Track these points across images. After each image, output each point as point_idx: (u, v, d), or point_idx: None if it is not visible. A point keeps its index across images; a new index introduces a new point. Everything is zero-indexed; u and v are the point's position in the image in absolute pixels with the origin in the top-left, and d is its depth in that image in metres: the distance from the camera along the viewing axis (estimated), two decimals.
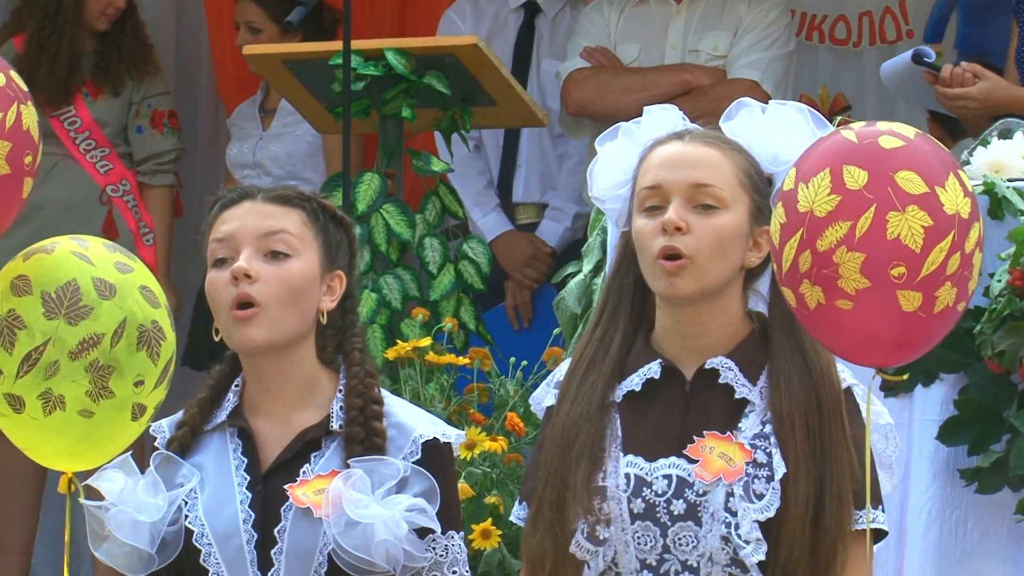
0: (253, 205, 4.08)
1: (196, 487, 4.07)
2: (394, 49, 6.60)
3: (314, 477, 4.02)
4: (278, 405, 4.10)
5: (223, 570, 4.01)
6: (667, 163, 3.96)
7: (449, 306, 6.43)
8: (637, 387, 3.99)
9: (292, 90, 7.01)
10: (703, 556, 3.92)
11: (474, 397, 5.68)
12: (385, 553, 3.94)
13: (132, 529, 4.02)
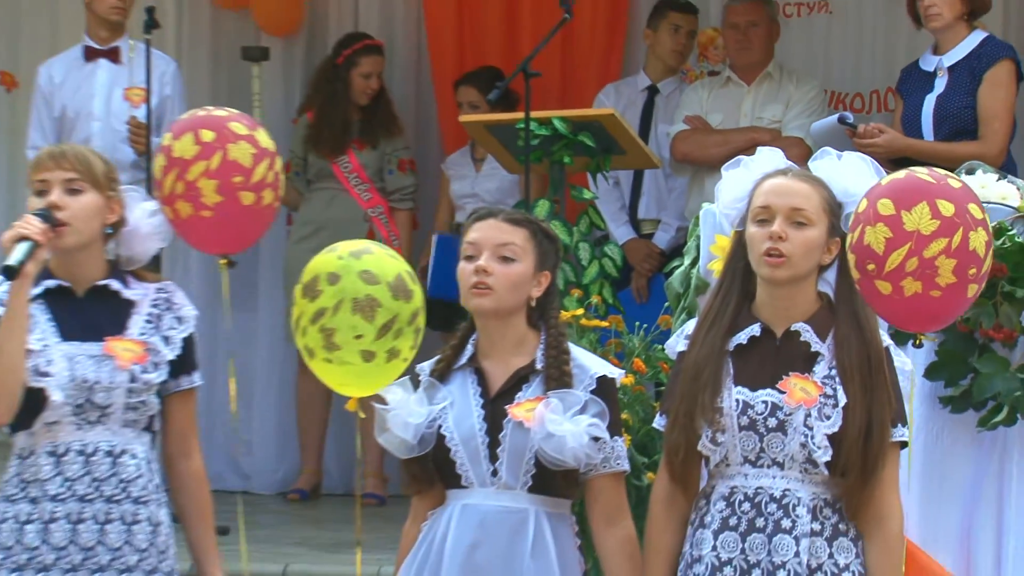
0: (494, 222, 4.12)
1: (448, 406, 4.10)
2: (559, 117, 6.76)
3: (525, 401, 4.05)
4: (500, 353, 4.12)
5: (465, 461, 4.05)
6: (775, 191, 3.97)
7: (595, 288, 6.49)
8: (744, 340, 3.99)
9: (491, 145, 7.16)
10: (787, 456, 3.92)
11: (611, 348, 5.55)
12: (573, 454, 3.98)
13: (403, 427, 4.09)
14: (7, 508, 4.13)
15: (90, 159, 4.20)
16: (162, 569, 4.16)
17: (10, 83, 8.65)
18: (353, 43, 8.19)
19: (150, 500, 4.16)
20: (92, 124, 7.59)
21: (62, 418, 4.11)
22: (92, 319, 4.18)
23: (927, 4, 6.49)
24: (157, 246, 4.38)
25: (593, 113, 7.06)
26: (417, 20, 8.74)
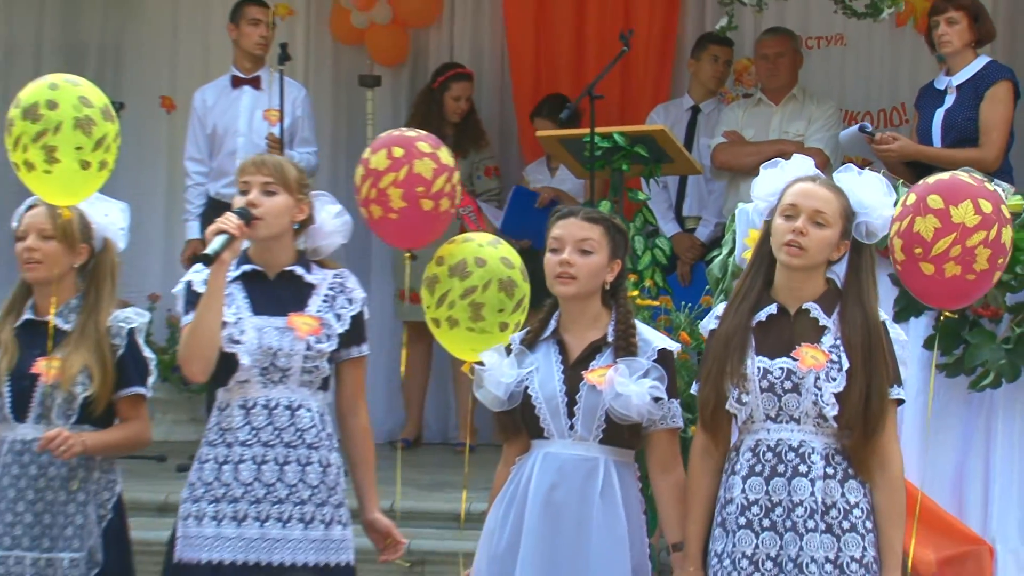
0: (575, 220, 4.12)
1: (534, 370, 4.11)
2: (618, 132, 6.73)
3: (598, 367, 4.06)
4: (578, 328, 4.13)
5: (547, 416, 4.07)
6: (802, 193, 3.95)
7: (648, 273, 6.47)
8: (763, 318, 3.98)
9: (563, 155, 7.15)
10: (802, 412, 3.91)
11: (662, 323, 5.62)
12: (637, 411, 4.01)
13: (496, 385, 4.12)
14: (208, 451, 4.19)
15: (284, 167, 4.26)
16: (331, 503, 4.19)
17: (169, 106, 8.72)
18: (446, 71, 8.18)
19: (321, 446, 4.19)
20: (237, 139, 7.66)
21: (251, 378, 4.17)
22: (278, 298, 4.23)
23: (941, 33, 6.54)
24: (339, 241, 4.41)
25: (647, 128, 7.02)
26: (502, 52, 8.71)
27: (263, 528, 4.12)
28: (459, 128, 8.08)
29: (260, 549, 4.11)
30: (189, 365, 4.13)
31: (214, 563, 4.10)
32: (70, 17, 8.79)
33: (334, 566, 4.18)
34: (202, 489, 4.14)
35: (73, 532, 4.28)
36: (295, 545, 4.13)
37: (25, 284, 4.43)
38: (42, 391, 4.30)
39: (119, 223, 4.49)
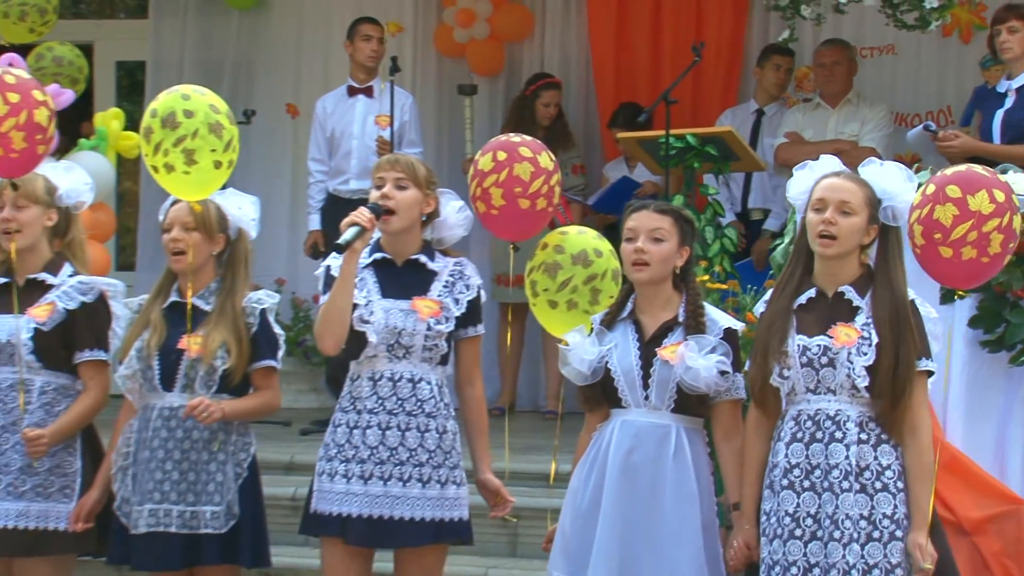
0: (647, 212, 4.13)
1: (613, 347, 4.10)
2: (690, 133, 6.66)
3: (670, 344, 4.05)
4: (652, 309, 4.13)
5: (625, 388, 4.07)
6: (829, 187, 3.94)
7: (717, 260, 6.40)
8: (804, 301, 3.96)
9: (640, 154, 7.06)
10: (837, 384, 3.88)
11: (729, 305, 5.55)
12: (705, 383, 4.01)
13: (580, 362, 4.12)
14: (341, 416, 4.24)
15: (415, 165, 4.29)
16: (446, 465, 4.21)
17: (294, 112, 8.78)
18: (537, 80, 8.16)
19: (438, 414, 4.21)
20: (352, 141, 7.68)
21: (378, 353, 4.20)
22: (405, 283, 4.25)
23: (1003, 40, 6.43)
24: (461, 233, 4.42)
25: (716, 130, 6.94)
26: (586, 62, 8.67)
27: (386, 486, 4.15)
28: (549, 131, 8.03)
29: (383, 504, 4.14)
30: (322, 340, 4.16)
31: (343, 515, 4.15)
32: (207, 36, 8.90)
33: (448, 521, 4.20)
34: (335, 450, 4.19)
35: (214, 488, 4.32)
36: (413, 502, 4.15)
37: (171, 270, 4.47)
38: (187, 364, 4.33)
39: (251, 214, 4.51)
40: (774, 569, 3.89)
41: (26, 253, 4.47)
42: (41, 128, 4.30)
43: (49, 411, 4.43)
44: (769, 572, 3.91)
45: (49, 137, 4.32)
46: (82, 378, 4.49)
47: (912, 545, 3.81)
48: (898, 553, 3.83)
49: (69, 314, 4.45)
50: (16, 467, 4.38)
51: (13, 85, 4.26)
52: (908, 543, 3.83)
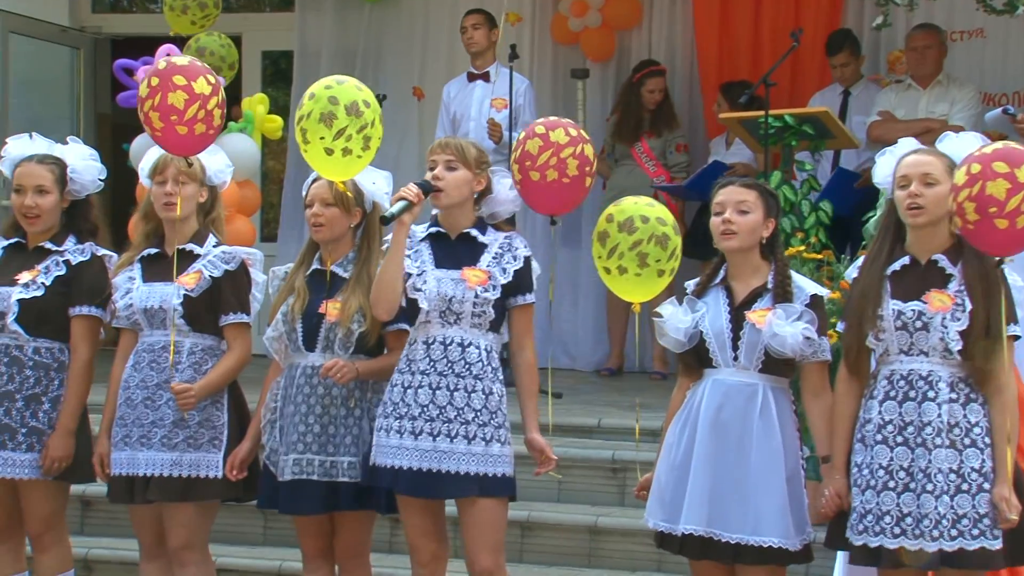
0: (733, 187, 4.11)
1: (705, 312, 4.08)
2: (788, 113, 6.67)
3: (758, 310, 4.02)
4: (742, 276, 4.10)
5: (716, 350, 4.05)
6: (910, 164, 3.92)
7: (813, 231, 6.32)
8: (897, 267, 3.93)
9: (741, 133, 7.06)
10: (931, 347, 3.86)
11: (824, 273, 5.50)
12: (791, 348, 3.98)
13: (675, 331, 4.10)
14: (398, 377, 4.24)
15: (465, 147, 4.27)
16: (492, 424, 4.18)
17: (420, 94, 8.84)
18: (643, 68, 8.17)
19: (485, 377, 4.18)
20: (470, 123, 7.74)
21: (431, 319, 4.20)
22: (457, 254, 4.24)
23: None
24: (513, 209, 4.40)
25: (814, 110, 6.89)
26: (692, 48, 8.61)
27: (434, 442, 4.14)
28: (655, 113, 8.04)
29: (431, 458, 4.14)
30: (376, 307, 4.19)
31: (396, 468, 4.16)
32: (343, 26, 8.98)
33: (491, 476, 4.17)
34: (391, 408, 4.20)
35: (351, 440, 4.35)
36: (459, 457, 4.14)
37: (313, 241, 4.51)
38: (327, 327, 4.36)
39: (384, 189, 4.52)
40: (866, 517, 3.87)
41: (179, 226, 4.53)
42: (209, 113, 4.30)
43: (197, 370, 4.48)
44: (861, 520, 3.89)
45: (211, 120, 4.33)
46: (226, 339, 4.54)
47: (998, 498, 3.79)
48: (985, 504, 3.81)
49: (214, 281, 4.49)
50: (169, 421, 4.45)
51: (183, 67, 4.28)
52: (994, 496, 3.80)
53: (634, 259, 4.16)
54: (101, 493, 4.82)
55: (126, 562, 5.37)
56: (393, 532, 5.55)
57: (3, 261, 4.64)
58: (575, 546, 5.51)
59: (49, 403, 4.55)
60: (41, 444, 4.53)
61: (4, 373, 4.53)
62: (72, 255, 4.60)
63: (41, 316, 4.54)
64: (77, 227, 4.67)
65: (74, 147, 4.73)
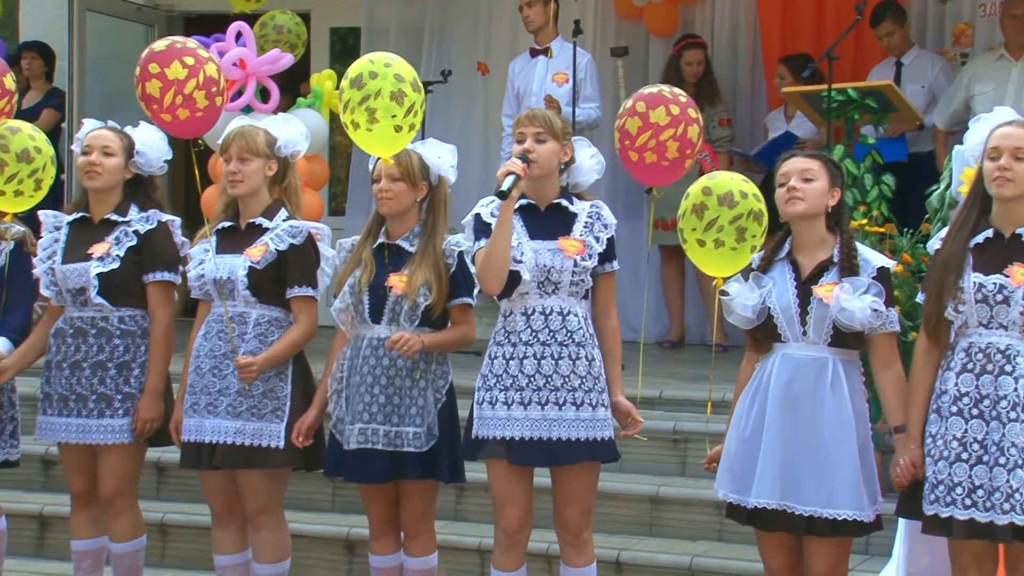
0: (797, 158, 4.05)
1: (771, 287, 4.02)
2: (852, 87, 6.59)
3: (825, 284, 3.96)
4: (808, 249, 4.04)
5: (784, 324, 3.99)
6: (1002, 136, 3.83)
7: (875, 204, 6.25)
8: (980, 240, 3.86)
9: (803, 107, 6.97)
10: (1010, 320, 3.79)
11: (886, 246, 5.45)
12: (859, 321, 3.93)
13: (743, 308, 4.05)
14: (497, 349, 4.25)
15: (551, 118, 4.28)
16: (595, 389, 4.21)
17: (484, 70, 8.85)
18: (681, 41, 8.06)
19: (586, 343, 4.20)
20: (531, 98, 7.69)
21: (530, 290, 4.21)
22: (549, 225, 4.25)
23: None
24: (595, 177, 4.37)
25: (877, 83, 6.78)
26: (754, 22, 8.48)
27: (543, 410, 4.15)
28: (696, 87, 7.88)
29: (541, 427, 4.15)
30: (485, 282, 4.18)
31: (507, 439, 4.16)
32: (410, 4, 8.97)
33: (598, 440, 4.19)
34: (493, 380, 4.20)
35: (416, 411, 4.35)
36: (569, 424, 4.15)
37: (379, 214, 4.51)
38: (393, 300, 4.37)
39: (449, 162, 4.51)
40: (938, 488, 3.83)
41: (249, 200, 4.55)
42: (214, 81, 4.33)
43: (263, 341, 4.49)
44: (933, 490, 3.84)
45: (222, 89, 4.36)
46: (293, 312, 4.55)
47: None
48: None
49: (280, 254, 4.50)
50: (234, 390, 4.47)
51: (189, 49, 4.31)
52: None
53: (733, 233, 4.16)
54: (175, 460, 4.89)
55: (200, 527, 5.44)
56: (458, 500, 5.58)
57: (71, 237, 4.70)
58: (636, 515, 5.51)
59: (139, 368, 4.63)
60: (136, 408, 4.61)
61: (94, 344, 4.61)
62: (139, 224, 4.66)
63: (120, 287, 4.60)
64: (140, 201, 4.73)
65: (145, 127, 4.80)
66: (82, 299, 4.63)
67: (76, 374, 4.62)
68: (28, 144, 4.70)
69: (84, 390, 4.60)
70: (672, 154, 4.26)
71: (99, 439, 4.60)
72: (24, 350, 4.77)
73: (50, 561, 5.55)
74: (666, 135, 4.27)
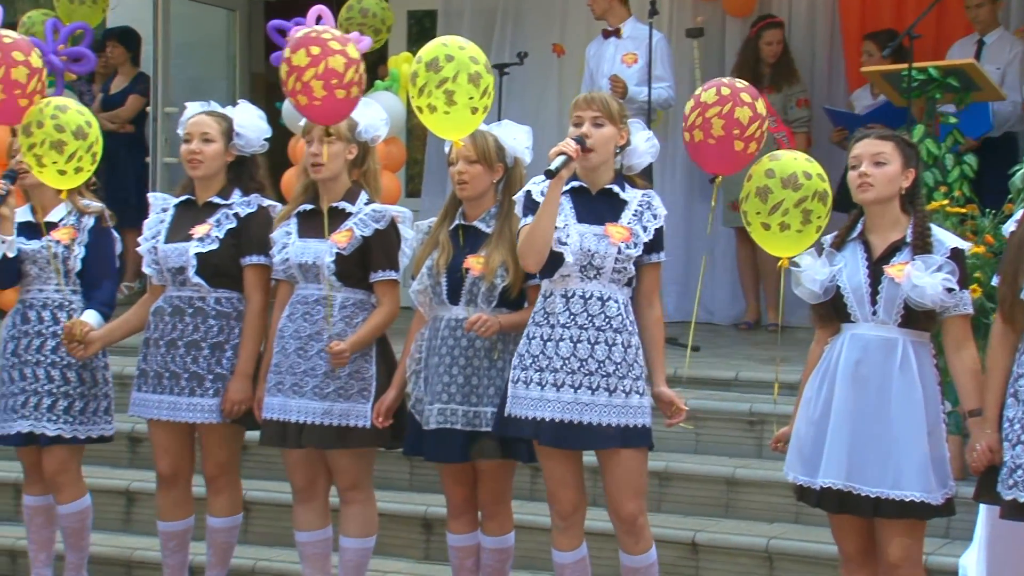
0: (869, 140, 3.99)
1: (843, 266, 3.98)
2: (933, 66, 6.43)
3: (897, 263, 3.91)
4: (880, 229, 3.99)
5: (854, 304, 3.95)
6: None
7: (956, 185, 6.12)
8: None
9: (884, 87, 6.84)
10: None
11: (968, 227, 5.38)
12: (931, 300, 3.88)
13: (812, 282, 4.02)
14: (535, 330, 4.21)
15: (609, 102, 4.24)
16: (630, 376, 4.16)
17: (560, 51, 8.82)
18: (760, 22, 7.97)
19: (624, 330, 4.15)
20: (602, 80, 7.61)
21: (571, 273, 4.17)
22: (598, 210, 4.21)
23: None
24: (649, 160, 4.36)
25: (959, 62, 6.61)
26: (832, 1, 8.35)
27: (576, 394, 4.11)
28: (774, 67, 7.85)
29: (573, 410, 4.11)
30: (525, 259, 4.14)
31: (537, 419, 4.13)
32: None
33: (632, 427, 4.14)
34: (529, 360, 4.17)
35: (494, 391, 4.34)
36: (601, 409, 4.11)
37: (455, 196, 4.50)
38: (470, 282, 4.37)
39: (525, 143, 4.49)
40: (1016, 472, 3.76)
41: (330, 183, 4.56)
42: (337, 74, 4.33)
43: (348, 323, 4.52)
44: (1012, 475, 3.77)
45: (347, 82, 4.36)
46: (376, 295, 4.56)
47: None
48: None
49: (365, 240, 4.51)
50: (321, 372, 4.50)
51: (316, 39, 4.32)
52: None
53: (799, 216, 4.08)
54: (255, 438, 4.92)
55: (280, 504, 5.48)
56: (534, 480, 5.57)
57: (176, 219, 4.78)
58: (713, 496, 5.46)
59: (231, 350, 4.67)
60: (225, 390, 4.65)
61: (189, 323, 4.68)
62: (240, 207, 4.72)
63: (217, 269, 4.66)
64: (243, 184, 4.78)
65: (244, 107, 4.87)
66: (181, 279, 4.69)
67: (171, 352, 4.68)
68: (80, 120, 4.75)
69: (177, 368, 4.67)
70: (717, 132, 4.16)
71: (188, 417, 4.66)
72: (113, 325, 4.86)
73: (136, 536, 5.63)
74: (712, 112, 4.18)
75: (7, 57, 4.67)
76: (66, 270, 4.87)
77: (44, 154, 4.66)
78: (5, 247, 4.80)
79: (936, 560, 4.69)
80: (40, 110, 4.73)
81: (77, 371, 4.89)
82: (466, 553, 4.54)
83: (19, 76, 4.64)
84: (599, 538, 4.72)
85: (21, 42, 4.78)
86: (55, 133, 4.69)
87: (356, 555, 4.62)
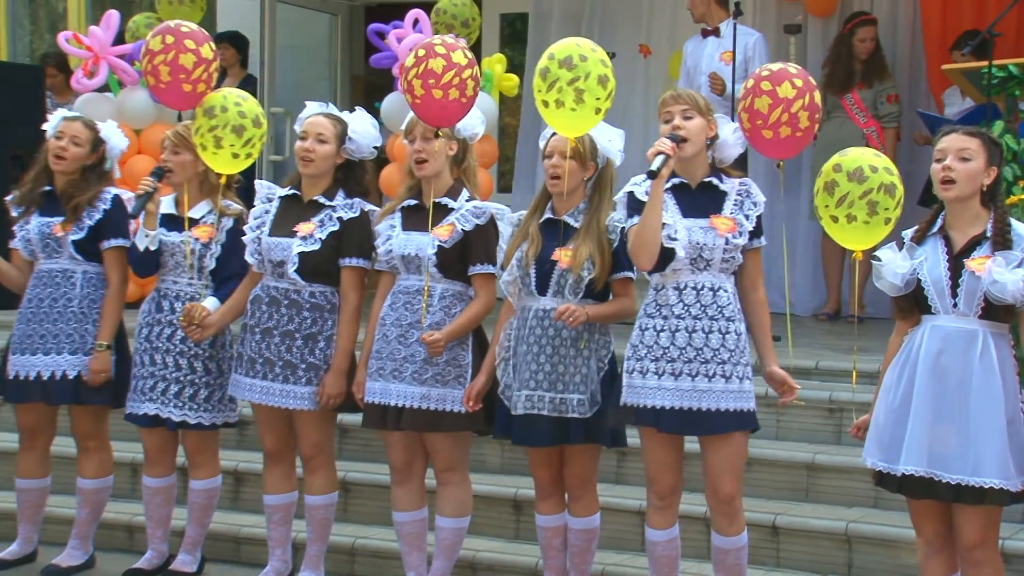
0: (955, 135, 3.95)
1: (923, 260, 3.94)
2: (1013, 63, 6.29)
3: (977, 257, 3.88)
4: (961, 224, 3.95)
5: (935, 297, 3.92)
6: None
7: None
8: None
9: (964, 84, 6.74)
10: None
11: None
12: (1011, 294, 3.83)
13: (893, 275, 3.97)
14: (647, 321, 4.24)
15: (696, 96, 4.27)
16: (741, 363, 4.20)
17: (646, 51, 8.81)
18: (854, 18, 7.92)
19: (735, 319, 4.18)
20: (700, 77, 7.65)
21: (682, 267, 4.19)
22: (700, 204, 4.22)
23: None
24: (738, 152, 4.33)
25: None
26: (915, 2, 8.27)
27: (693, 382, 4.14)
28: (866, 64, 7.79)
29: (691, 397, 4.13)
30: (639, 258, 4.17)
31: (657, 407, 4.16)
32: None
33: (743, 411, 4.17)
34: (644, 351, 4.19)
35: (580, 379, 4.38)
36: (718, 395, 4.13)
37: (545, 190, 4.55)
38: (558, 273, 4.41)
39: (618, 145, 4.52)
40: None
41: (433, 179, 4.64)
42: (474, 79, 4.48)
43: (447, 312, 4.58)
44: None
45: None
46: (474, 287, 4.62)
47: None
48: None
49: (465, 234, 4.57)
50: (420, 358, 4.56)
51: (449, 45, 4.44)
52: None
53: (864, 207, 4.05)
54: (357, 422, 5.01)
55: (379, 485, 5.57)
56: (619, 464, 5.60)
57: (281, 212, 4.83)
58: (793, 481, 5.44)
59: (324, 341, 4.73)
60: (318, 379, 4.72)
61: (284, 315, 4.75)
62: (343, 211, 4.76)
63: (317, 268, 4.71)
64: (349, 187, 4.85)
65: (360, 114, 4.94)
66: (280, 271, 4.77)
67: (266, 340, 4.75)
68: (258, 111, 4.92)
69: (272, 355, 4.74)
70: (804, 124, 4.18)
71: (281, 403, 4.74)
72: (224, 310, 4.95)
73: (244, 514, 5.74)
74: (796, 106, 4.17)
75: (179, 43, 4.81)
76: (200, 266, 4.97)
77: (224, 136, 4.80)
78: (148, 241, 4.93)
79: (1012, 544, 4.66)
80: (224, 96, 4.89)
81: (204, 361, 5.00)
82: (554, 533, 4.57)
83: (186, 62, 4.78)
84: (683, 520, 4.71)
85: (197, 33, 4.94)
86: (238, 118, 4.85)
87: (451, 535, 4.68)
